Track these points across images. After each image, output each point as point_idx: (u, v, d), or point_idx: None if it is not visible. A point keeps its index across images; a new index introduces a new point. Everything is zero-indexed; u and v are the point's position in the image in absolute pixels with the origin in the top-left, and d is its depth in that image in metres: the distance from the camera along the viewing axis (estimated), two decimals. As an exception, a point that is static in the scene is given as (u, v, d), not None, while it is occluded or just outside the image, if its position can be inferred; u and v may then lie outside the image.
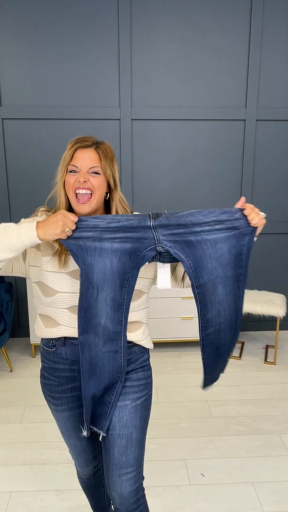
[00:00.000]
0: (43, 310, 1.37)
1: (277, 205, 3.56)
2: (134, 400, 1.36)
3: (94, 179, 1.29)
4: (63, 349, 1.36)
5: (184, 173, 3.43)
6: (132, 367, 1.38)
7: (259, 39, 3.22)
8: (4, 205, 3.38)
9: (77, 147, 1.33)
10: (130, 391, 1.37)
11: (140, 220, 1.23)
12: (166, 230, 1.24)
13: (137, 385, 1.38)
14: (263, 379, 3.04)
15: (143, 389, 1.39)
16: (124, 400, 1.35)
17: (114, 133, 3.31)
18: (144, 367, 1.42)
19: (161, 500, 2.02)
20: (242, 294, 1.33)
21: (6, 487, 2.09)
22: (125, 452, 1.35)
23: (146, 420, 1.40)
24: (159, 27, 3.17)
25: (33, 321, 3.25)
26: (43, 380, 1.49)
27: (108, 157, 1.32)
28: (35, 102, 3.24)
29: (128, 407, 1.36)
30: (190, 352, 3.41)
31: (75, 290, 1.30)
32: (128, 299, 1.28)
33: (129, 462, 1.35)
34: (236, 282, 1.31)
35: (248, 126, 3.37)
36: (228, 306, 1.33)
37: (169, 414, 2.62)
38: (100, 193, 1.31)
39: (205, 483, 2.12)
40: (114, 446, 1.35)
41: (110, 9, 3.12)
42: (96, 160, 1.30)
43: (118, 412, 1.35)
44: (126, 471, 1.35)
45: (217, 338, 1.36)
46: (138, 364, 1.40)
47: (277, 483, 2.12)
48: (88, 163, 1.30)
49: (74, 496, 2.04)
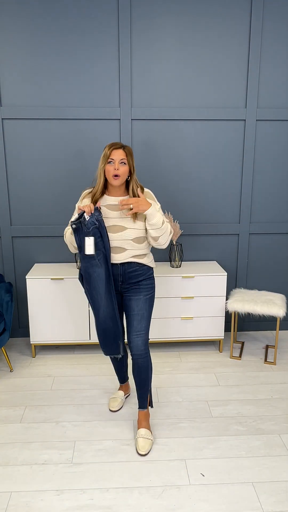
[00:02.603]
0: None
1: (277, 205, 3.56)
2: (145, 295, 2.36)
3: (122, 167, 2.24)
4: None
5: (184, 173, 3.43)
6: (143, 277, 2.36)
7: (259, 39, 3.22)
8: (4, 205, 3.38)
9: (113, 148, 2.24)
10: (143, 290, 2.36)
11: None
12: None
13: (146, 287, 2.37)
14: (263, 379, 3.04)
15: (150, 289, 2.39)
16: (139, 295, 2.35)
17: (114, 133, 3.31)
18: (150, 277, 2.40)
19: (161, 500, 2.02)
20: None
21: (6, 487, 2.09)
22: (140, 323, 2.34)
23: (152, 306, 2.40)
24: (159, 27, 3.17)
25: (33, 321, 3.25)
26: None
27: (130, 154, 2.28)
28: (35, 102, 3.24)
29: (141, 299, 2.36)
30: (190, 352, 3.41)
31: (110, 238, 2.29)
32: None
33: (141, 328, 2.35)
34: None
35: (248, 126, 3.37)
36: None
37: (169, 414, 2.62)
38: (125, 175, 2.27)
39: (205, 483, 2.12)
40: (134, 320, 2.34)
41: (110, 9, 3.12)
42: (124, 155, 2.25)
43: (136, 302, 2.35)
44: (140, 333, 2.34)
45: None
46: (146, 276, 2.37)
47: (277, 483, 2.12)
48: (119, 157, 2.23)
49: (74, 496, 2.04)
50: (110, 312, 2.35)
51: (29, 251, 3.49)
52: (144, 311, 2.35)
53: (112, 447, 2.36)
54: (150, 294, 2.38)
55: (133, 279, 2.34)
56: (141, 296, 2.35)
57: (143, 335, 2.35)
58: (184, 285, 3.26)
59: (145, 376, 2.41)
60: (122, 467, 2.22)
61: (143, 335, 2.35)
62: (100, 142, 3.32)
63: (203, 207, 3.50)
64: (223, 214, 3.54)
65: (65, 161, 3.34)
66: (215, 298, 3.30)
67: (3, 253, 3.47)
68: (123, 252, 2.29)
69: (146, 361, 2.38)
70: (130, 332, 2.35)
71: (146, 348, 2.37)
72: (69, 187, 3.37)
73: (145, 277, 2.37)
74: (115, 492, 2.06)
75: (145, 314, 2.36)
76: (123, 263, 2.31)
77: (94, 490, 2.07)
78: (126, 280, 2.34)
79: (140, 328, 2.34)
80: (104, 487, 2.09)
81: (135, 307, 2.34)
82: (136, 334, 2.33)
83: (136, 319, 2.34)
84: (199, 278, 3.26)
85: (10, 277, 3.51)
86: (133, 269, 2.33)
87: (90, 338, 3.31)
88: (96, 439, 2.42)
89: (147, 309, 2.36)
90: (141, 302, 2.35)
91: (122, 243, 2.28)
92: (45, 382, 2.99)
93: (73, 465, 2.24)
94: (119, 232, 2.28)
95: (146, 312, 2.36)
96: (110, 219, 2.28)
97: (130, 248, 2.30)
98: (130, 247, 2.29)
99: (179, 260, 3.41)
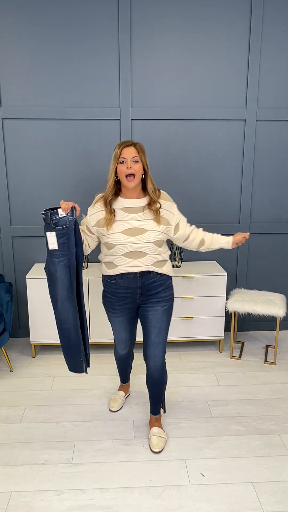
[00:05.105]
0: (106, 259, 2.23)
1: (277, 205, 3.56)
2: (162, 307, 2.24)
3: (136, 165, 2.10)
4: (120, 280, 2.21)
5: (184, 173, 3.43)
6: (162, 287, 2.24)
7: (259, 39, 3.22)
8: (4, 205, 3.38)
9: (123, 147, 2.11)
10: (161, 301, 2.24)
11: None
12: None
13: (164, 299, 2.25)
14: (263, 379, 3.04)
15: (169, 300, 2.28)
16: (157, 306, 2.23)
17: (114, 133, 3.31)
18: (169, 287, 2.28)
19: (161, 500, 2.02)
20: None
21: (6, 487, 2.09)
22: (158, 336, 2.25)
23: (169, 319, 2.30)
24: (159, 27, 3.17)
25: (33, 321, 3.25)
26: (106, 298, 2.32)
27: (142, 151, 2.15)
28: (35, 102, 3.24)
29: (159, 311, 2.23)
30: (190, 352, 3.41)
31: (127, 242, 2.13)
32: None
33: (159, 341, 2.25)
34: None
35: (248, 126, 3.37)
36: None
37: (169, 414, 2.62)
38: (140, 174, 2.12)
39: (205, 483, 2.12)
40: (152, 333, 2.25)
41: (110, 9, 3.12)
42: (135, 153, 2.11)
43: (153, 313, 2.23)
44: (158, 347, 2.26)
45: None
46: (165, 286, 2.25)
47: (277, 483, 2.12)
48: (131, 155, 2.10)
49: (74, 496, 2.04)
50: (71, 321, 2.20)
51: (29, 251, 3.49)
52: (162, 323, 2.25)
53: (112, 447, 2.36)
54: (168, 305, 2.27)
55: (152, 290, 2.22)
56: (159, 307, 2.24)
57: (161, 349, 2.27)
58: (184, 285, 3.26)
59: (159, 389, 2.38)
60: (122, 467, 2.22)
61: (161, 349, 2.27)
62: (100, 142, 3.32)
63: (203, 207, 3.50)
64: (223, 214, 3.54)
65: (65, 161, 3.34)
66: (215, 298, 3.30)
67: (3, 253, 3.47)
68: (143, 256, 2.15)
69: (162, 375, 2.33)
70: (147, 345, 2.26)
71: (163, 362, 2.30)
72: (69, 187, 3.37)
73: (164, 287, 2.24)
74: (115, 492, 2.06)
75: (163, 326, 2.25)
76: (142, 274, 2.18)
77: (94, 490, 2.07)
78: (144, 292, 2.22)
79: (158, 342, 2.25)
80: (104, 487, 2.09)
81: (152, 318, 2.23)
82: (154, 348, 2.25)
83: (154, 332, 2.24)
84: (199, 278, 3.26)
85: (10, 277, 3.51)
86: (152, 280, 2.21)
87: (90, 338, 3.31)
88: (96, 439, 2.42)
89: (164, 321, 2.26)
90: (158, 313, 2.23)
91: (142, 246, 2.14)
92: (45, 382, 2.99)
93: (73, 465, 2.24)
94: (139, 235, 2.13)
95: (164, 325, 2.26)
96: (127, 222, 2.14)
97: (150, 252, 2.16)
98: (151, 251, 2.15)
99: (179, 260, 3.41)
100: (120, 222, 2.14)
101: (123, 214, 2.16)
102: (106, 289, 2.31)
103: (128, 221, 2.14)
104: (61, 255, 2.12)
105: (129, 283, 2.20)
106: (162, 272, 2.22)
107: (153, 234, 2.14)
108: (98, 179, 3.37)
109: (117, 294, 2.25)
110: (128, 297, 2.24)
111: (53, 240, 2.11)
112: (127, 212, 2.16)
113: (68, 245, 2.11)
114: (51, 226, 2.11)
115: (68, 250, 2.11)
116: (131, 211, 2.16)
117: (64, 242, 2.11)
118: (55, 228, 2.11)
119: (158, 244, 2.17)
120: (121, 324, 2.34)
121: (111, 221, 2.13)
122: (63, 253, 2.12)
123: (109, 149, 3.33)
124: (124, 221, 2.14)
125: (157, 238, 2.15)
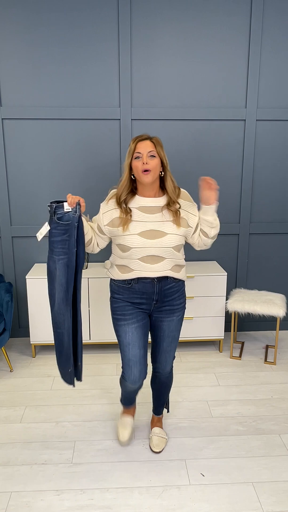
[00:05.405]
0: (120, 262, 2.05)
1: (277, 205, 3.56)
2: (177, 316, 2.13)
3: (152, 161, 1.91)
4: (136, 285, 2.03)
5: (184, 173, 3.43)
6: (178, 294, 2.10)
7: (259, 39, 3.22)
8: (4, 205, 3.38)
9: (138, 141, 1.93)
10: (176, 310, 2.12)
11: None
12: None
13: (179, 306, 2.13)
14: (263, 379, 3.04)
15: (182, 307, 2.15)
16: (172, 316, 2.11)
17: (114, 133, 3.31)
18: (183, 294, 2.15)
19: (161, 500, 2.02)
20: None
21: (6, 487, 2.09)
22: (170, 345, 2.17)
23: (181, 326, 2.19)
24: (159, 27, 3.17)
25: (33, 321, 3.25)
26: (117, 305, 2.10)
27: (159, 145, 1.95)
28: (35, 102, 3.24)
29: (174, 321, 2.12)
30: (190, 352, 3.41)
31: (145, 245, 1.95)
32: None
33: (171, 349, 2.19)
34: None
35: (248, 126, 3.37)
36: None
37: (169, 414, 2.62)
38: (157, 170, 1.94)
39: (205, 483, 2.12)
40: (165, 341, 2.16)
41: (110, 9, 3.12)
42: (152, 147, 1.93)
43: (168, 324, 2.12)
44: (169, 354, 2.20)
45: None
46: (180, 292, 2.12)
47: (277, 483, 2.12)
48: (147, 149, 1.91)
49: (74, 496, 2.04)
50: (66, 326, 2.04)
51: (29, 251, 3.49)
52: (176, 332, 2.16)
53: (112, 447, 2.36)
54: (182, 313, 2.16)
55: (168, 296, 2.07)
56: (174, 317, 2.12)
57: (172, 355, 2.22)
58: (184, 285, 3.26)
59: (165, 392, 2.37)
60: (122, 467, 2.22)
61: (172, 356, 2.22)
62: (100, 142, 3.32)
63: (203, 207, 3.50)
64: (223, 214, 3.53)
65: (65, 161, 3.34)
66: (215, 298, 3.30)
67: (3, 253, 3.47)
68: (161, 261, 1.99)
69: (169, 378, 2.31)
70: (158, 351, 2.19)
71: (171, 368, 2.28)
72: (69, 187, 3.37)
73: (179, 294, 2.12)
74: (115, 492, 2.06)
75: (176, 335, 2.18)
76: (159, 279, 2.02)
77: (94, 490, 2.07)
78: (161, 298, 2.06)
79: (170, 349, 2.18)
80: (104, 487, 2.09)
81: (166, 329, 2.13)
82: (165, 355, 2.19)
83: (167, 341, 2.16)
84: (199, 278, 3.26)
85: (10, 277, 3.51)
86: (169, 286, 2.06)
87: (90, 338, 3.31)
88: (96, 439, 2.42)
89: (178, 330, 2.18)
90: (173, 324, 2.13)
91: (161, 251, 1.97)
92: (45, 382, 2.99)
93: (73, 465, 2.24)
94: (158, 239, 1.95)
95: (177, 333, 2.18)
96: (145, 223, 1.96)
97: (169, 256, 1.99)
98: (169, 256, 1.99)
99: (179, 260, 3.41)
100: (137, 223, 1.96)
101: (140, 214, 1.98)
102: (117, 295, 2.11)
103: (145, 222, 1.96)
104: (62, 252, 1.97)
105: (145, 288, 2.03)
106: (179, 277, 2.09)
107: (173, 238, 1.98)
108: (98, 179, 3.38)
109: (131, 299, 2.07)
110: (143, 303, 2.07)
111: (44, 232, 1.99)
112: (144, 212, 1.98)
113: (70, 243, 1.94)
114: (55, 221, 1.97)
115: (68, 249, 1.95)
116: (148, 211, 1.98)
117: (66, 239, 1.95)
118: (58, 223, 1.96)
119: (177, 248, 2.01)
120: (136, 332, 2.08)
121: (128, 221, 1.95)
122: (64, 251, 1.96)
123: (109, 149, 3.34)
124: (141, 222, 1.97)
125: (177, 243, 1.99)
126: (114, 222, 1.99)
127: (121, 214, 1.96)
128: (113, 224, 1.99)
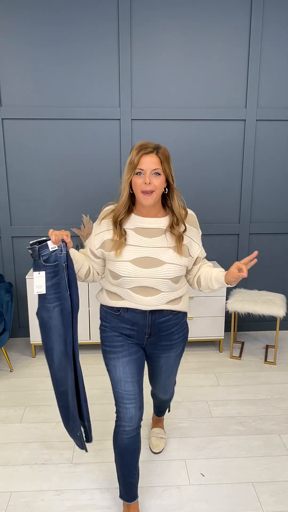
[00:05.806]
0: (110, 288, 1.79)
1: (277, 205, 3.56)
2: (175, 352, 1.89)
3: (156, 180, 1.62)
4: (126, 314, 1.77)
5: (184, 173, 3.43)
6: (177, 327, 1.84)
7: (259, 39, 3.22)
8: (4, 205, 3.38)
9: (143, 154, 1.62)
10: (174, 346, 1.86)
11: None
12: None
13: (178, 341, 1.87)
14: (263, 379, 3.04)
15: (181, 341, 1.89)
16: (169, 352, 1.87)
17: (114, 133, 3.31)
18: (183, 326, 1.89)
19: (161, 500, 2.02)
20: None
21: (6, 487, 2.09)
22: (168, 378, 2.01)
23: (180, 359, 1.97)
24: (159, 27, 3.17)
25: (33, 321, 3.25)
26: (105, 334, 1.85)
27: (167, 159, 1.66)
28: (35, 102, 3.24)
29: (172, 356, 1.89)
30: (190, 352, 3.41)
31: (137, 275, 1.67)
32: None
33: (170, 382, 2.06)
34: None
35: (248, 126, 3.37)
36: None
37: (169, 414, 2.62)
38: (160, 189, 1.65)
39: (205, 483, 2.12)
40: (162, 376, 1.97)
41: (110, 9, 3.12)
42: (157, 163, 1.62)
43: (166, 360, 1.89)
44: (168, 387, 2.08)
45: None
46: (180, 325, 1.85)
47: (277, 483, 2.12)
48: (151, 166, 1.61)
49: (74, 496, 2.04)
50: (69, 383, 1.79)
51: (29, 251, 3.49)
52: (174, 367, 1.97)
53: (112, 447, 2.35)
54: (182, 346, 1.91)
55: (163, 331, 1.80)
56: (172, 353, 1.88)
57: (172, 385, 2.12)
58: (184, 285, 3.26)
59: (167, 405, 2.31)
60: (122, 467, 2.22)
61: (172, 385, 2.12)
62: (100, 142, 3.32)
63: (203, 207, 3.50)
64: (223, 214, 3.54)
65: (65, 161, 3.34)
66: (215, 298, 3.30)
67: (3, 253, 3.47)
68: (156, 294, 1.71)
69: (171, 397, 2.24)
70: (157, 383, 2.05)
71: (171, 396, 2.20)
72: (69, 187, 3.37)
73: (179, 327, 1.84)
74: (115, 492, 2.06)
75: (175, 369, 1.99)
76: (153, 311, 1.75)
77: (94, 490, 2.07)
78: (155, 333, 1.79)
79: (168, 383, 2.05)
80: (104, 487, 2.09)
81: (163, 364, 1.92)
82: (164, 388, 2.08)
83: (165, 375, 1.98)
84: (199, 278, 3.26)
85: (10, 277, 3.51)
86: (165, 319, 1.78)
87: (90, 338, 3.31)
88: (96, 439, 2.42)
89: (177, 364, 1.98)
90: (171, 359, 1.90)
91: (156, 282, 1.68)
92: (45, 382, 2.99)
93: (73, 465, 2.24)
94: (153, 268, 1.67)
95: (175, 368, 1.99)
96: (140, 248, 1.68)
97: (166, 289, 1.72)
98: (166, 289, 1.71)
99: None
100: (131, 247, 1.68)
101: (135, 237, 1.69)
102: (104, 323, 1.85)
103: (141, 247, 1.68)
104: (55, 298, 1.70)
105: (135, 318, 1.76)
106: (178, 309, 1.80)
107: (172, 268, 1.69)
108: (98, 179, 3.38)
109: (120, 329, 1.80)
110: (133, 336, 1.80)
111: (41, 283, 1.68)
112: (140, 234, 1.69)
113: (61, 286, 1.69)
114: (41, 264, 1.68)
115: (61, 293, 1.70)
116: (146, 233, 1.69)
117: (57, 282, 1.69)
118: (45, 266, 1.68)
119: (175, 280, 1.72)
120: (128, 367, 1.79)
121: (121, 245, 1.67)
122: (57, 296, 1.70)
123: (109, 149, 3.34)
124: (135, 247, 1.68)
125: (175, 274, 1.70)
126: (105, 245, 1.72)
127: (114, 236, 1.69)
128: (105, 247, 1.72)
